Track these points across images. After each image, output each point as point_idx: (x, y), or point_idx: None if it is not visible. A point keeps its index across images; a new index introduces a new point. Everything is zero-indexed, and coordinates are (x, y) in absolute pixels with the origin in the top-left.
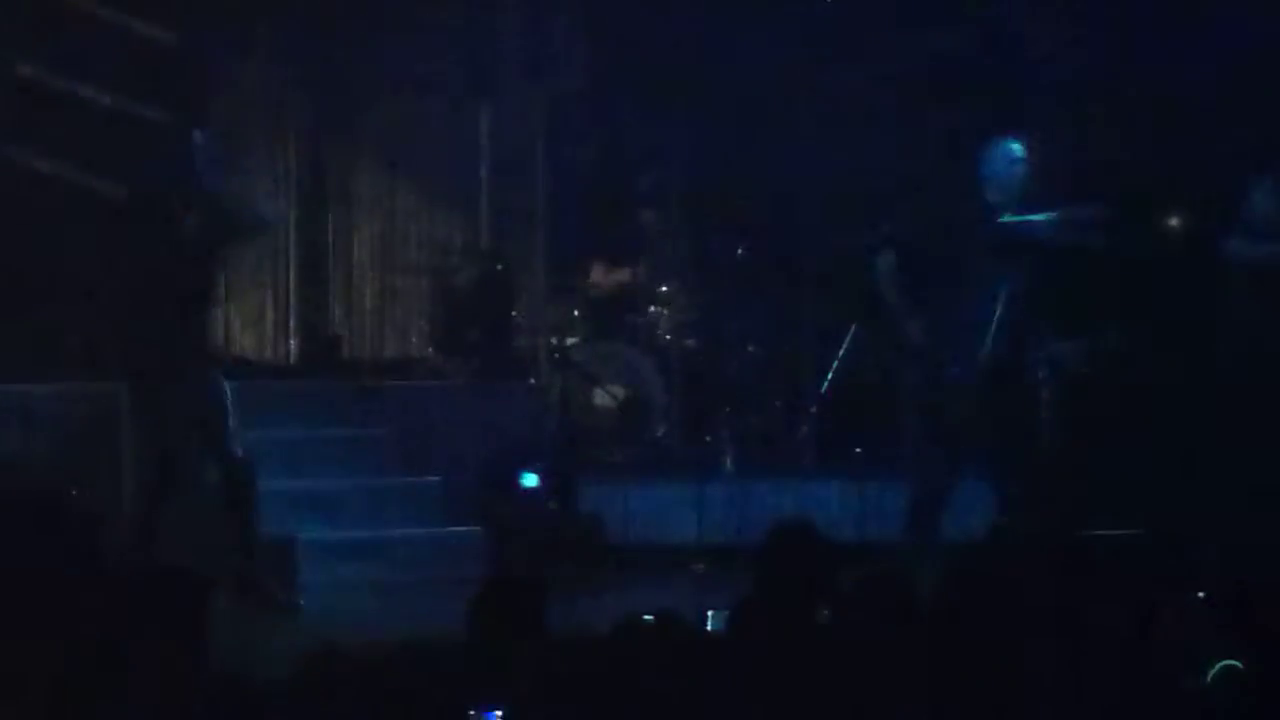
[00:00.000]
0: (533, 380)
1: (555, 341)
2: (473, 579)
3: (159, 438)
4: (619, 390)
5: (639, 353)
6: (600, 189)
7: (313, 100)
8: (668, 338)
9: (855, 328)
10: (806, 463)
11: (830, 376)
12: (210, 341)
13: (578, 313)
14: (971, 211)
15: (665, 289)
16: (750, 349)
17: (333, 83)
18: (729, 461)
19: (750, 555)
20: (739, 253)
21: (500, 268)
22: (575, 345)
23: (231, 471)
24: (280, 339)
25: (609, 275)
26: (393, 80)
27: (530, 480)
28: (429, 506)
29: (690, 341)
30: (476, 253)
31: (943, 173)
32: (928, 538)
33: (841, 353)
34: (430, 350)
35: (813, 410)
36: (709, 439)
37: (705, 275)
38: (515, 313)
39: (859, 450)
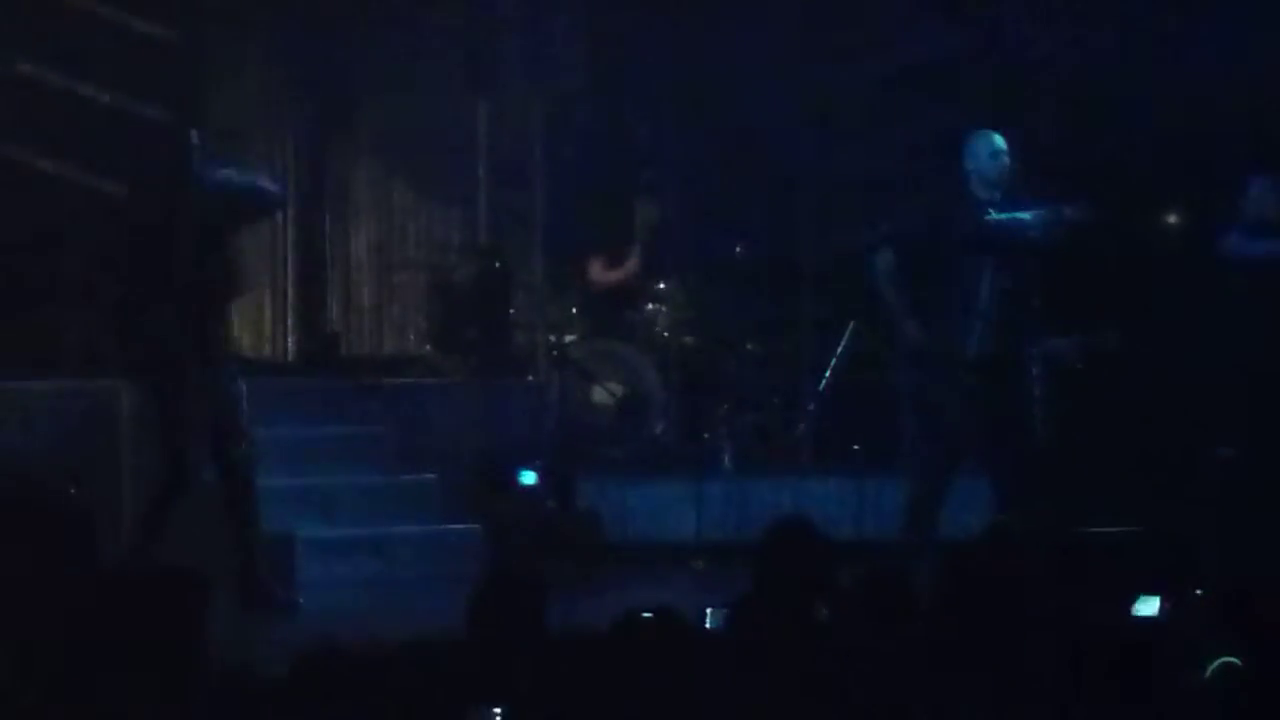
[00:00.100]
0: (531, 378)
1: (553, 339)
2: (471, 577)
3: (167, 436)
4: (617, 388)
5: (637, 350)
6: (598, 187)
7: (310, 98)
8: (666, 335)
9: (853, 325)
10: (804, 460)
11: (828, 374)
12: (222, 337)
13: (576, 310)
14: (965, 208)
15: (663, 286)
16: (748, 346)
17: (330, 81)
18: (727, 459)
19: (749, 553)
20: (737, 250)
21: (498, 265)
22: (573, 343)
23: (235, 469)
24: (278, 336)
25: (607, 273)
26: (390, 78)
27: (528, 478)
28: (427, 504)
29: (688, 339)
30: (474, 250)
31: (938, 170)
32: (925, 535)
33: (839, 350)
34: (428, 348)
35: (811, 408)
36: (707, 436)
37: (703, 273)
38: (513, 310)
39: (857, 448)
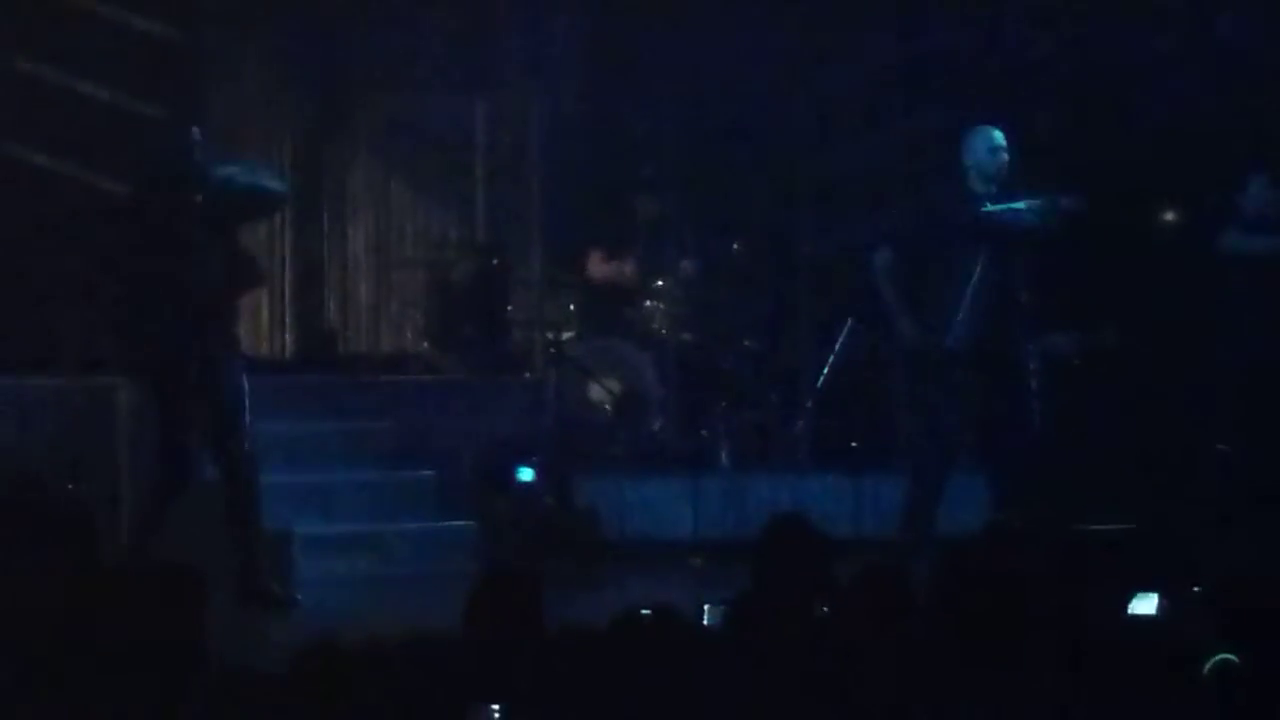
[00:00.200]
0: (528, 375)
1: (551, 336)
2: (469, 574)
3: (167, 434)
4: (615, 385)
5: (635, 347)
6: (596, 184)
7: (309, 96)
8: (664, 332)
9: (851, 323)
10: (802, 457)
11: (826, 371)
12: (228, 332)
13: (573, 307)
14: (961, 200)
15: (661, 283)
16: (746, 344)
17: (329, 79)
18: (725, 456)
19: (746, 550)
20: (735, 247)
21: (496, 263)
22: (571, 340)
23: (237, 467)
24: (276, 334)
25: (605, 270)
26: (388, 76)
27: (526, 474)
28: (425, 501)
29: (686, 336)
30: (472, 248)
31: (936, 166)
32: (923, 532)
33: (837, 347)
34: (426, 345)
35: (809, 405)
36: (705, 433)
37: (701, 270)
38: (511, 308)
39: (855, 445)
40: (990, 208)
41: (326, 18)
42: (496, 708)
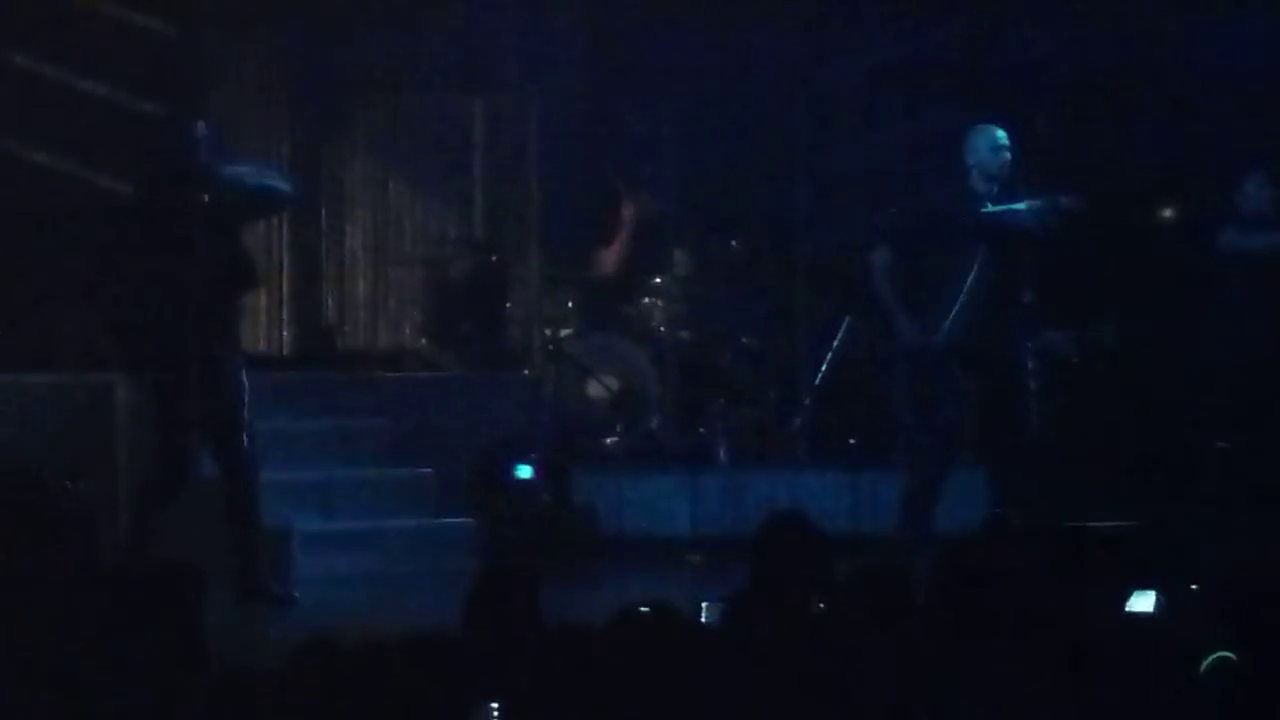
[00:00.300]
0: (526, 372)
1: (549, 333)
2: (467, 571)
3: (167, 431)
4: (613, 381)
5: (633, 344)
6: (594, 181)
7: (307, 93)
8: (662, 329)
9: (849, 319)
10: (800, 454)
11: (824, 368)
12: (229, 331)
13: (571, 304)
14: (961, 200)
15: (659, 280)
16: (744, 340)
17: (328, 76)
18: (723, 453)
19: (744, 546)
20: (733, 245)
21: (494, 259)
22: (569, 336)
23: (237, 465)
24: (274, 330)
25: (612, 259)
26: (387, 74)
27: (524, 471)
28: (423, 498)
29: (684, 333)
30: (470, 244)
31: (935, 164)
32: (921, 529)
33: (835, 344)
34: (424, 342)
35: (806, 402)
36: (703, 430)
37: (699, 266)
38: (509, 304)
39: (853, 441)
40: (990, 208)
41: (326, 16)
42: (495, 705)
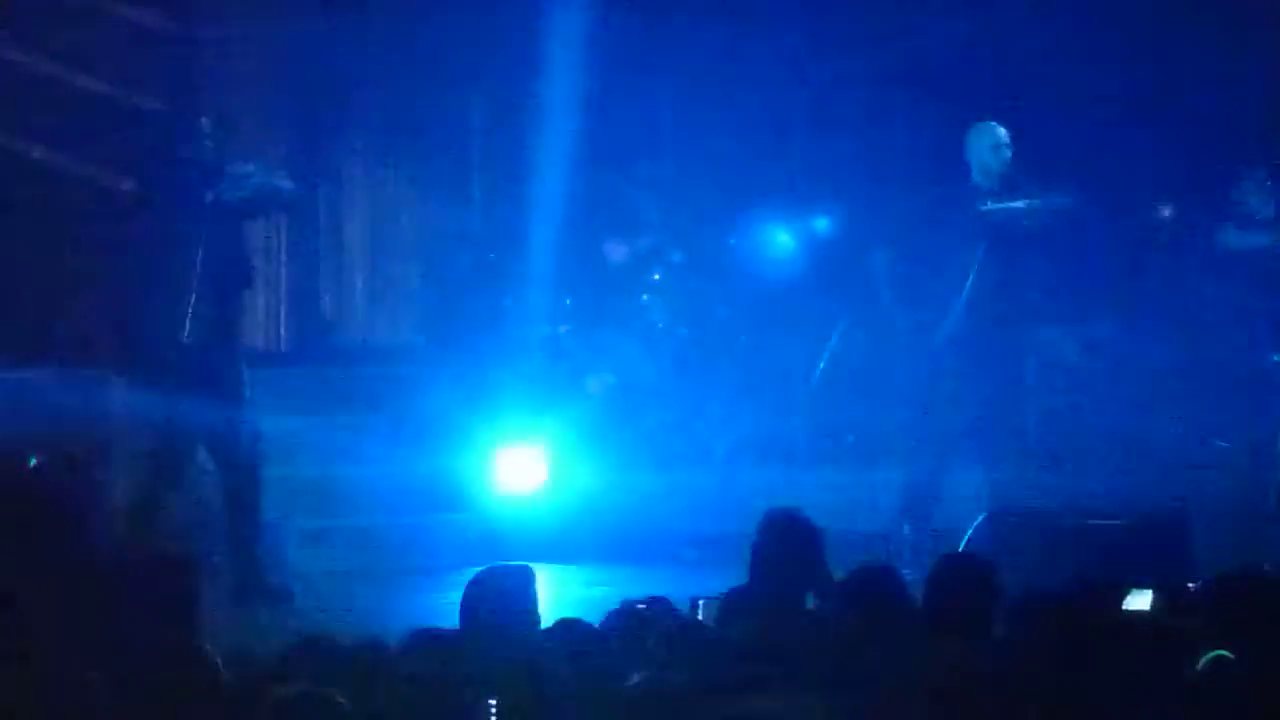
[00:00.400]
0: (524, 368)
1: (548, 329)
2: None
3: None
4: (610, 377)
5: (631, 339)
6: (594, 177)
7: (306, 88)
8: (660, 326)
9: (847, 316)
10: (798, 451)
11: (822, 365)
12: (230, 327)
13: (569, 300)
14: (963, 200)
15: (658, 277)
16: (742, 337)
17: (325, 69)
18: (721, 449)
19: (741, 544)
20: (731, 242)
21: (492, 255)
22: (566, 332)
23: (237, 460)
24: (271, 325)
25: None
26: (386, 68)
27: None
28: (419, 494)
29: (682, 329)
30: (468, 240)
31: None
32: (919, 526)
33: (832, 342)
34: (422, 338)
35: (804, 399)
36: (702, 426)
37: (697, 263)
38: (507, 299)
39: (850, 439)
40: (990, 205)
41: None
42: (492, 702)
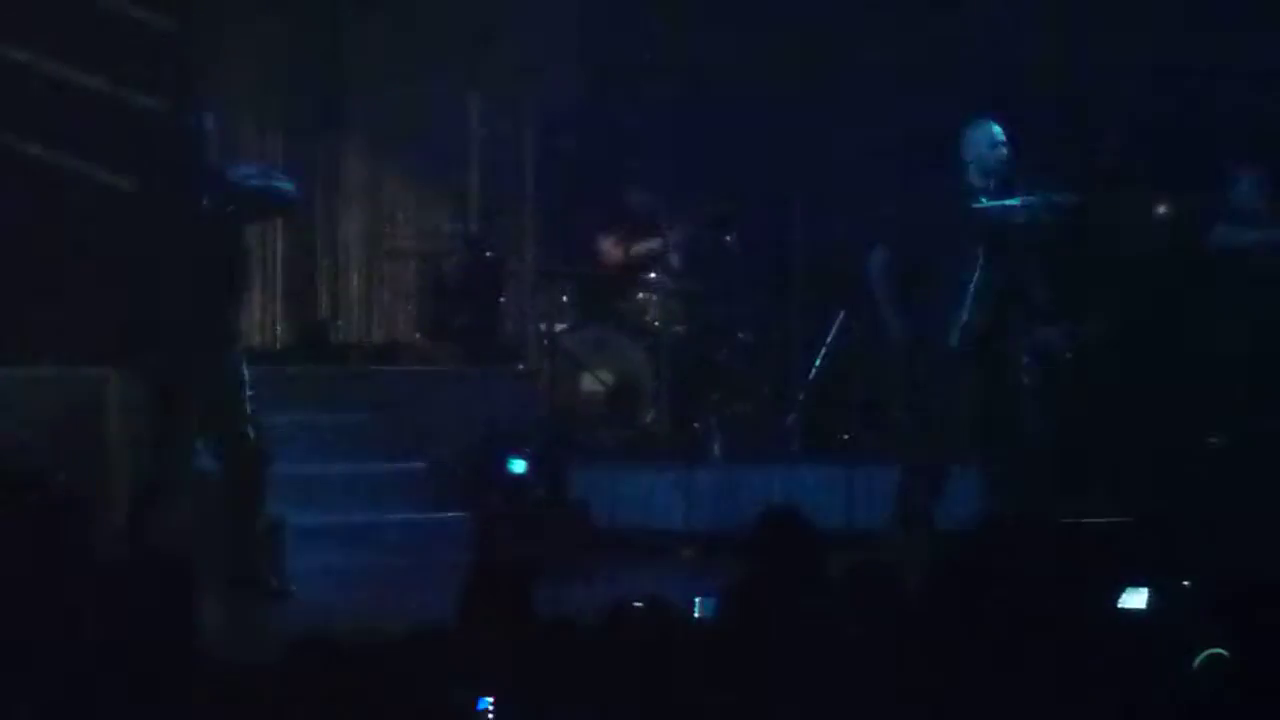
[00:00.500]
0: (521, 366)
1: (544, 327)
2: (460, 565)
3: (164, 427)
4: (607, 376)
5: (628, 338)
6: (590, 176)
7: (303, 86)
8: (656, 324)
9: (843, 314)
10: (794, 449)
11: (818, 363)
12: (229, 326)
13: (566, 298)
14: (959, 199)
15: (654, 275)
16: (739, 335)
17: (323, 69)
18: (717, 448)
19: (738, 541)
20: (727, 240)
21: (488, 254)
22: (564, 331)
23: (237, 459)
24: (268, 324)
25: (617, 252)
26: (383, 67)
27: (518, 466)
28: (416, 492)
29: (679, 327)
30: (465, 238)
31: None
32: (918, 526)
33: (829, 339)
34: (418, 336)
35: (801, 396)
36: (697, 425)
37: (694, 261)
38: (503, 298)
39: (847, 436)
40: (986, 203)
41: (321, 9)
42: (489, 699)
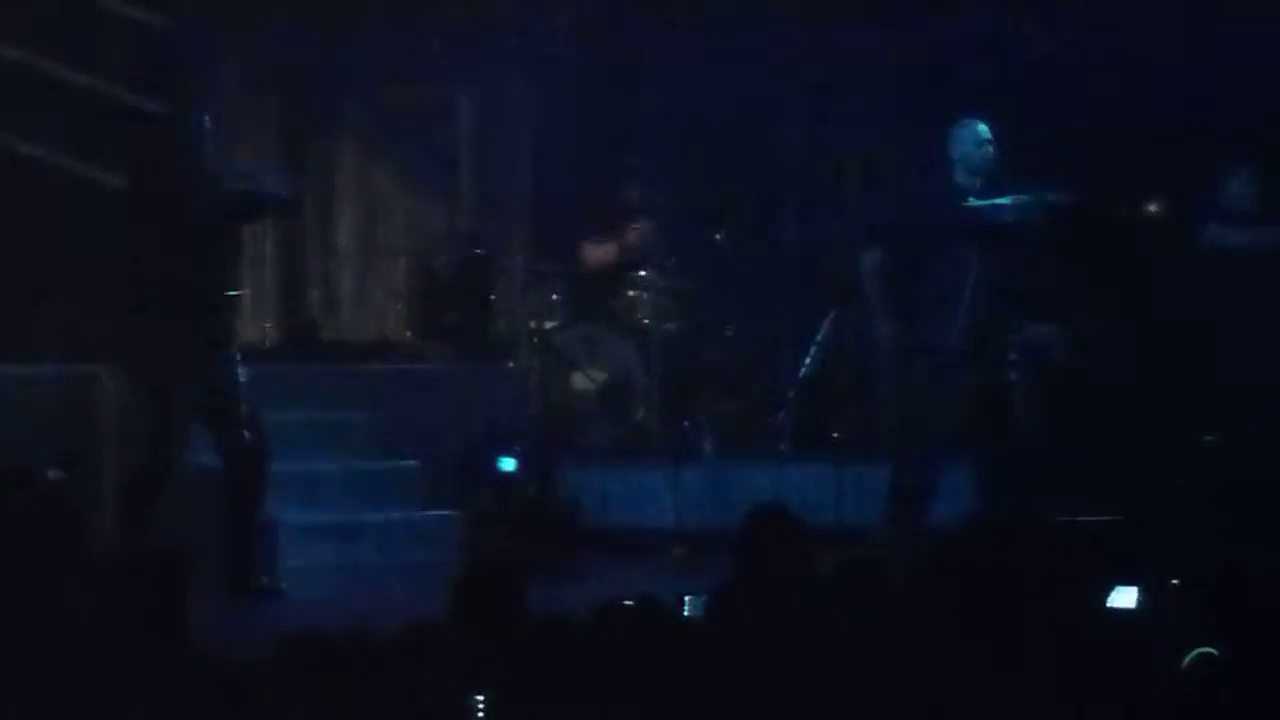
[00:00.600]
0: (512, 364)
1: (534, 325)
2: (451, 563)
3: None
4: (598, 374)
5: (618, 336)
6: (581, 174)
7: (295, 85)
8: (647, 322)
9: (833, 312)
10: (784, 447)
11: (809, 361)
12: (223, 325)
13: (556, 296)
14: (945, 194)
15: (645, 273)
16: (729, 333)
17: (315, 69)
18: (708, 445)
19: (728, 540)
20: (718, 238)
21: (479, 251)
22: (554, 329)
23: (236, 458)
24: (258, 322)
25: (598, 255)
26: (374, 67)
27: (509, 464)
28: (407, 490)
29: (669, 325)
30: (456, 236)
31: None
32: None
33: (820, 337)
34: (409, 334)
35: (791, 395)
36: (687, 423)
37: (684, 259)
38: (494, 296)
39: (837, 434)
40: (975, 202)
41: (313, 8)
42: (480, 698)
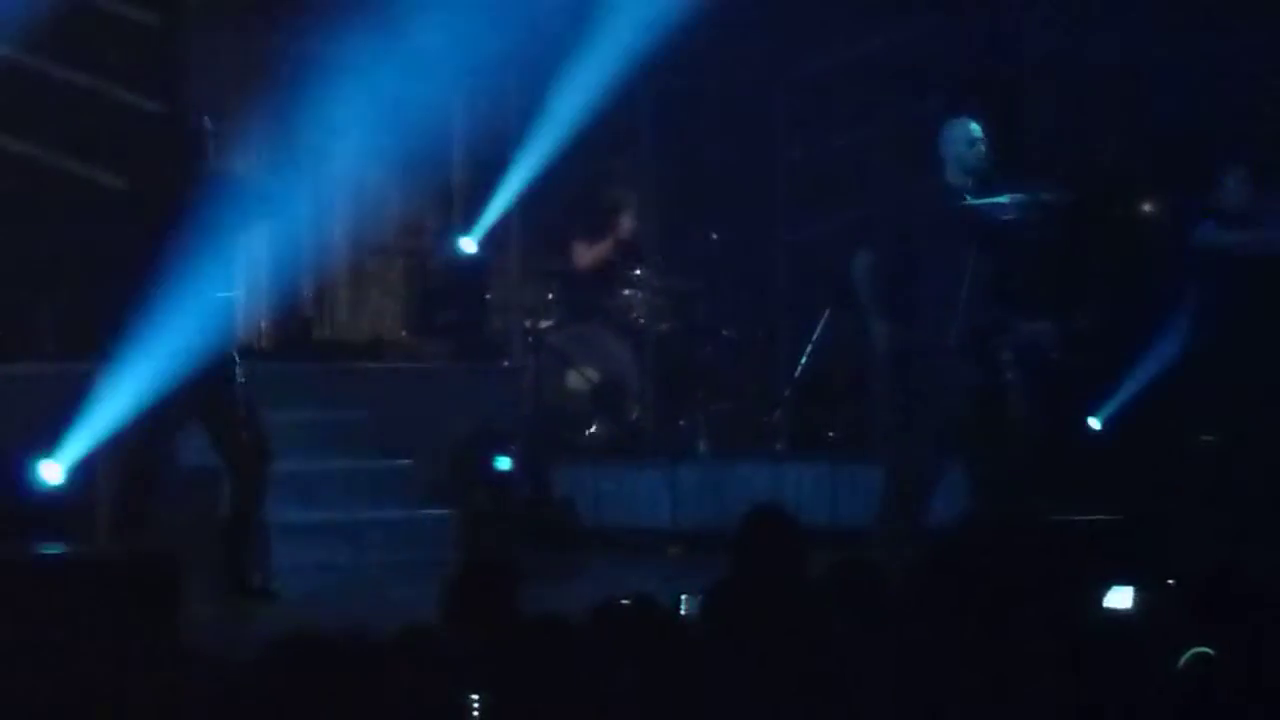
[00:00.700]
0: (507, 363)
1: (529, 324)
2: (446, 562)
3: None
4: (593, 373)
5: (614, 336)
6: (575, 173)
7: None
8: (642, 321)
9: (828, 312)
10: (780, 446)
11: (804, 361)
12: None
13: (552, 295)
14: (940, 196)
15: (640, 272)
16: (724, 333)
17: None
18: (703, 445)
19: (724, 539)
20: (713, 237)
21: (474, 250)
22: (550, 328)
23: (237, 458)
24: (253, 321)
25: (590, 255)
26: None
27: (504, 463)
28: (403, 490)
29: (664, 325)
30: (450, 235)
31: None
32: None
33: (815, 336)
34: (404, 333)
35: (786, 393)
36: (683, 422)
37: (680, 259)
38: (489, 295)
39: (832, 434)
40: (971, 200)
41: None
42: (475, 698)
